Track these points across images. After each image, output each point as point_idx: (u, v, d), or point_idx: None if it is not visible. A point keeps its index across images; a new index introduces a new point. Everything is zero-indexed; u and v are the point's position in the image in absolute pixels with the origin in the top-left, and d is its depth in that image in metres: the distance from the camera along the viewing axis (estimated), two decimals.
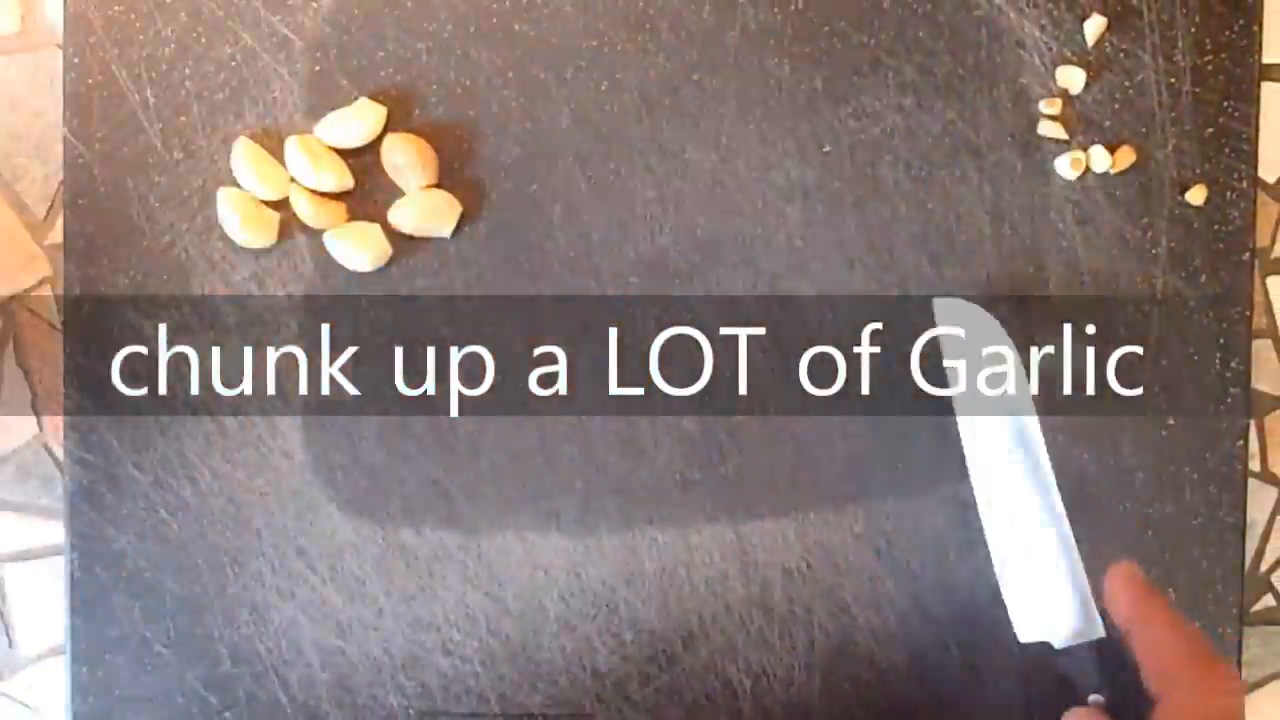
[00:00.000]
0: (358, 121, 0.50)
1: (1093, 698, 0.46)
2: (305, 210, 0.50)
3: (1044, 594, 0.47)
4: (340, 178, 0.50)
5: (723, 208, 0.50)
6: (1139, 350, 0.50)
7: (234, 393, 0.51)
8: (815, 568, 0.51)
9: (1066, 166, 0.50)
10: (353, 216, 0.50)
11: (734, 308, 0.50)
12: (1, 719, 0.56)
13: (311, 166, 0.49)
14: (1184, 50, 0.50)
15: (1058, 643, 0.47)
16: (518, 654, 0.51)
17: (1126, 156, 0.50)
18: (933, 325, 0.49)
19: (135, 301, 0.51)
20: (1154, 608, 0.44)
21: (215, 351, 0.51)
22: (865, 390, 0.50)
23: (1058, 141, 0.50)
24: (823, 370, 0.50)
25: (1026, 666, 0.50)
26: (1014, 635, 0.48)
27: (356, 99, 0.50)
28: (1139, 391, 0.50)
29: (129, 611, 0.51)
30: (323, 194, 0.50)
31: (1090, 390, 0.50)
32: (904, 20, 0.50)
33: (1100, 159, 0.50)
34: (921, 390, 0.50)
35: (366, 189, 0.50)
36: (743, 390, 0.50)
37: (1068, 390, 0.50)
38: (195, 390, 0.51)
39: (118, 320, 0.51)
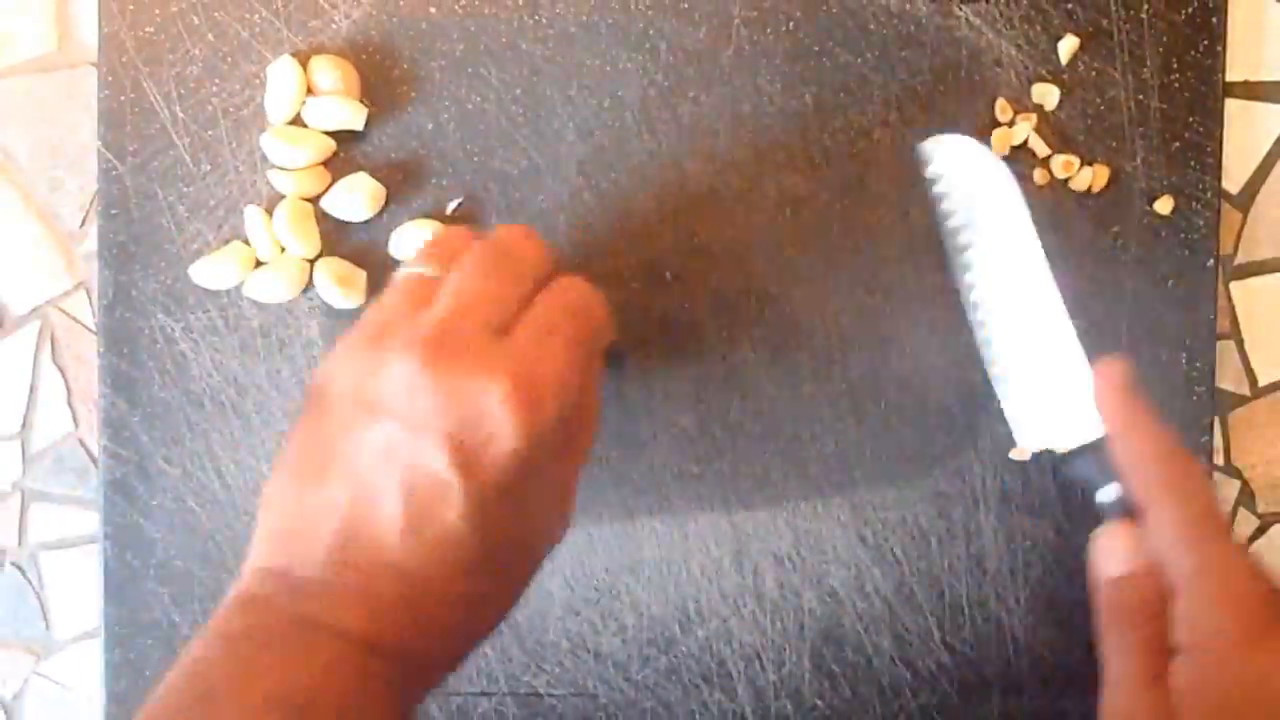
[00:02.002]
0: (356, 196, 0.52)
1: (1103, 491, 0.45)
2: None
3: (1044, 400, 0.47)
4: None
5: (718, 216, 0.51)
6: (1109, 351, 0.52)
7: (258, 391, 0.52)
8: (805, 556, 0.52)
9: (1041, 177, 0.51)
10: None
11: (728, 310, 0.52)
12: (39, 698, 0.58)
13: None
14: (1152, 69, 0.51)
15: (1061, 447, 0.47)
16: (525, 637, 0.52)
17: (1101, 175, 0.51)
18: (911, 322, 0.51)
19: (165, 305, 0.52)
20: (1134, 418, 0.43)
21: (240, 352, 0.52)
22: (851, 389, 0.52)
23: (1033, 154, 0.52)
24: (812, 370, 0.52)
25: (1007, 648, 0.52)
26: (990, 615, 0.49)
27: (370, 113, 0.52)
28: None
29: (159, 597, 0.53)
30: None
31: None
32: (888, 41, 0.52)
33: (1077, 178, 0.51)
34: (904, 389, 0.52)
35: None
36: (736, 388, 0.52)
37: None
38: (221, 388, 0.52)
39: (148, 323, 0.52)
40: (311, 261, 0.52)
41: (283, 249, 0.51)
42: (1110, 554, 0.44)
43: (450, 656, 0.40)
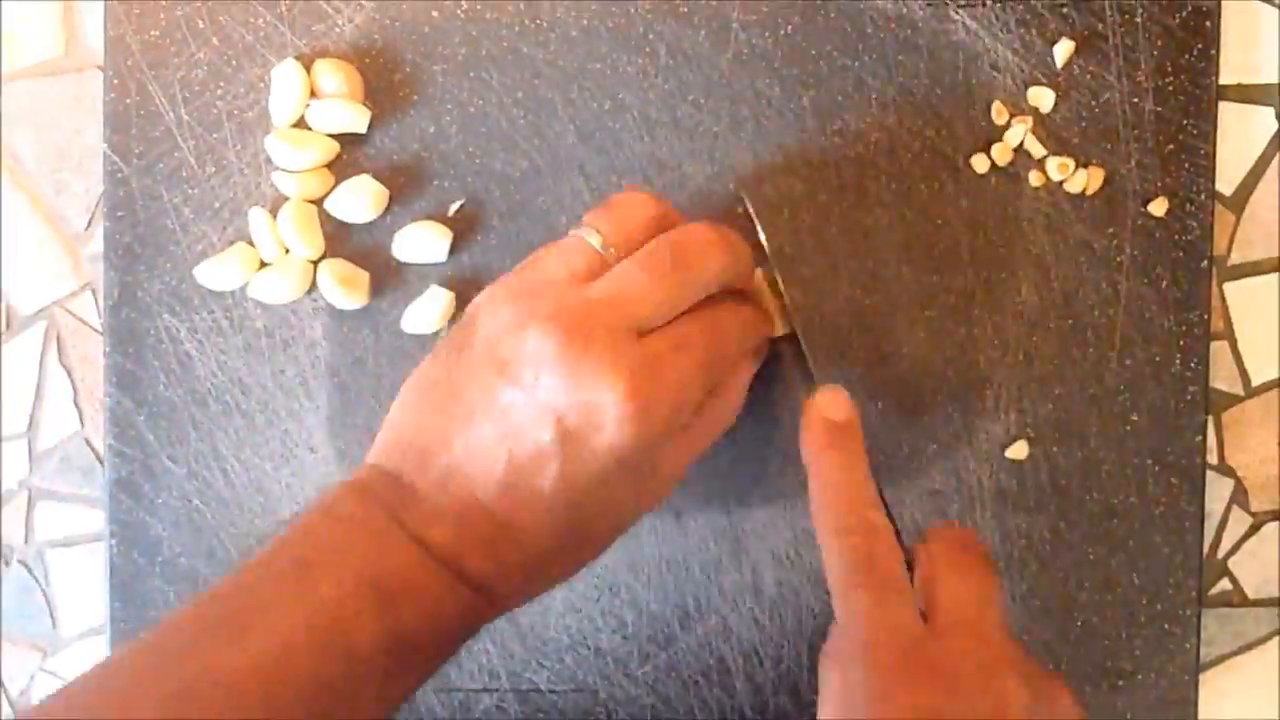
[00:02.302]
0: (360, 197, 0.52)
1: None
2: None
3: None
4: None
5: (716, 218, 0.52)
6: (1105, 351, 0.52)
7: (262, 390, 0.53)
8: (803, 553, 0.52)
9: (1036, 179, 0.52)
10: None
11: None
12: (46, 694, 0.58)
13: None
14: (1147, 72, 0.52)
15: None
16: (526, 634, 0.53)
17: (1096, 177, 0.51)
18: (908, 323, 0.51)
19: (170, 306, 0.53)
20: (824, 453, 0.43)
21: (245, 352, 0.53)
22: (848, 387, 0.52)
23: (1029, 157, 0.52)
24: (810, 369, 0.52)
25: None
26: None
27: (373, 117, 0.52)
28: (1105, 389, 0.52)
29: (165, 594, 0.53)
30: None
31: (1058, 391, 0.52)
32: (886, 44, 0.52)
33: (1072, 180, 0.51)
34: (900, 388, 0.52)
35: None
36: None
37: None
38: (226, 388, 0.53)
39: (154, 323, 0.53)
40: (315, 263, 0.52)
41: (287, 250, 0.52)
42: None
43: (519, 596, 0.43)
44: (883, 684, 0.37)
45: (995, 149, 0.51)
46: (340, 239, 0.52)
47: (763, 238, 0.50)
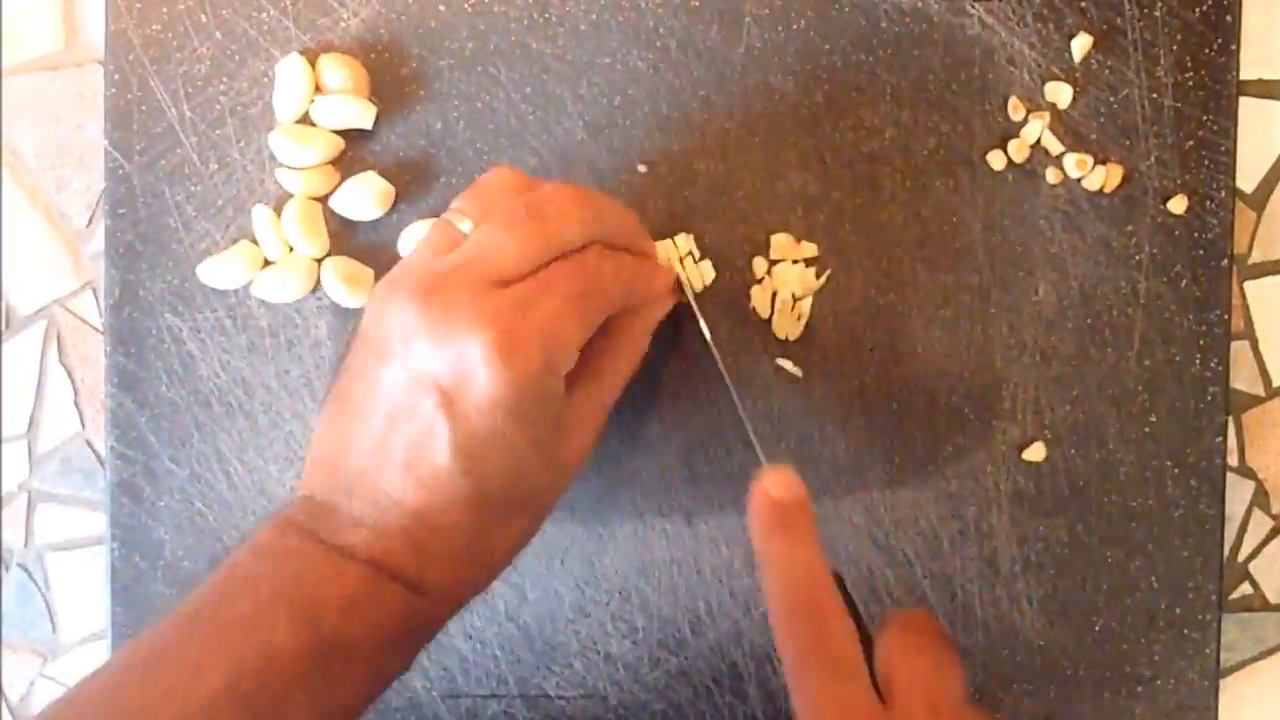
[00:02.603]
0: (365, 194, 0.51)
1: None
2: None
3: None
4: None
5: (729, 216, 0.51)
6: (1123, 351, 0.51)
7: (266, 391, 0.52)
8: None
9: (1054, 176, 0.51)
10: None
11: (738, 310, 0.51)
12: (46, 700, 0.57)
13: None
14: (1166, 67, 0.51)
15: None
16: (534, 639, 0.51)
17: (1115, 174, 0.50)
18: (924, 322, 0.50)
19: (172, 305, 0.51)
20: (775, 536, 0.40)
21: (248, 352, 0.51)
22: (862, 389, 0.51)
23: (1047, 153, 0.51)
24: (824, 370, 0.51)
25: (1019, 648, 0.51)
26: (1002, 616, 0.49)
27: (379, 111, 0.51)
28: (1123, 390, 0.51)
29: (166, 598, 0.52)
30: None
31: (1075, 392, 0.51)
32: (900, 39, 0.51)
33: (1090, 176, 0.50)
34: (916, 389, 0.51)
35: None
36: (747, 389, 0.51)
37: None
38: (229, 388, 0.51)
39: (156, 322, 0.51)
40: (319, 261, 0.51)
41: (291, 248, 0.51)
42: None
43: (456, 587, 0.42)
44: None
45: (1012, 145, 0.50)
46: (345, 236, 0.51)
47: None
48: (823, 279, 0.50)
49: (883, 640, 0.39)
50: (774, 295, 0.50)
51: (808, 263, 0.50)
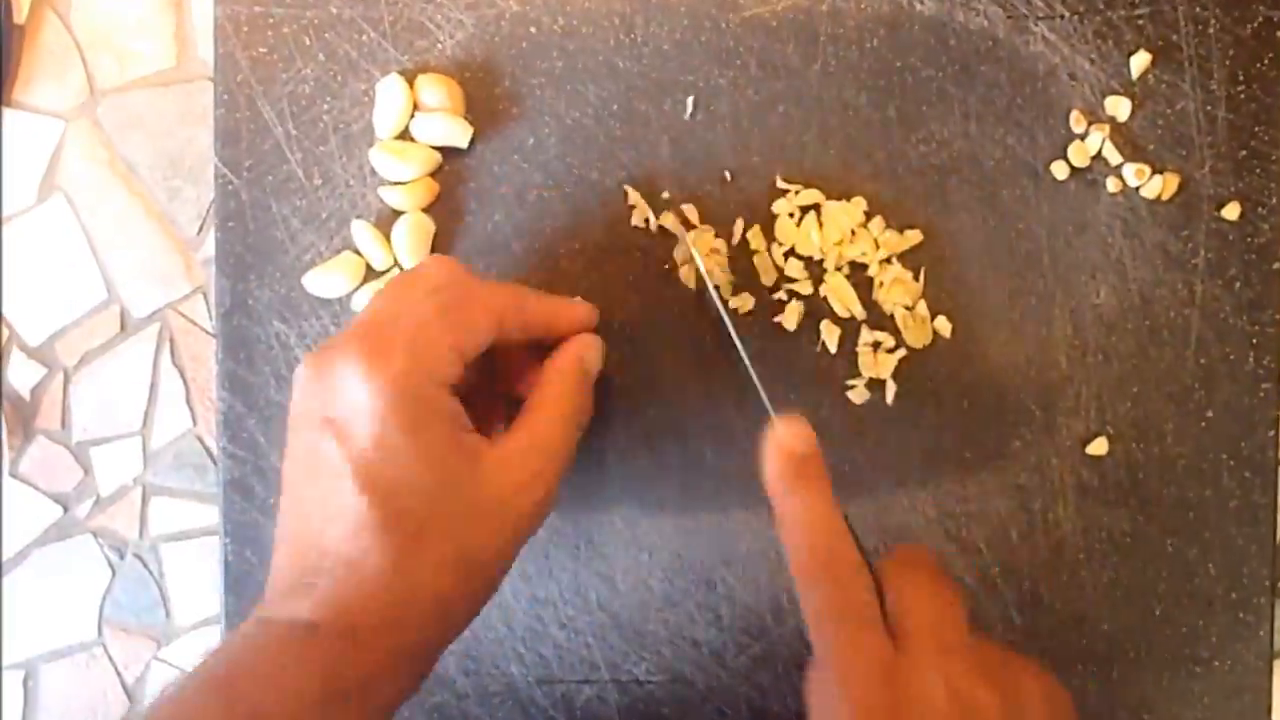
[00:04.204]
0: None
1: None
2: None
3: None
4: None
5: (805, 223, 0.45)
6: (1180, 351, 0.45)
7: None
8: (890, 545, 0.45)
9: (1114, 185, 0.45)
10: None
11: (819, 313, 0.45)
12: (160, 682, 0.51)
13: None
14: (1219, 81, 0.44)
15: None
16: (625, 627, 0.45)
17: (1171, 183, 0.44)
18: (992, 324, 0.44)
19: (280, 313, 0.46)
20: (791, 487, 0.35)
21: None
22: (935, 386, 0.45)
23: (1107, 164, 0.45)
24: (899, 369, 0.45)
25: (1085, 636, 0.45)
26: (1069, 604, 0.43)
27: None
28: (1181, 387, 0.45)
29: None
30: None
31: (1136, 389, 0.45)
32: (968, 56, 0.45)
33: (1148, 185, 0.44)
34: (985, 386, 0.45)
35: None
36: (826, 386, 0.45)
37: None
38: None
39: (264, 330, 0.46)
40: None
41: (396, 261, 0.45)
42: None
43: (380, 628, 0.34)
44: (865, 715, 0.32)
45: (1073, 148, 0.44)
46: (444, 248, 0.45)
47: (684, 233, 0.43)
48: (921, 280, 0.44)
49: (887, 580, 0.35)
50: (890, 314, 0.44)
51: (903, 263, 0.44)
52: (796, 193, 0.44)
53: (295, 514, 0.35)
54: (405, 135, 0.45)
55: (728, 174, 0.44)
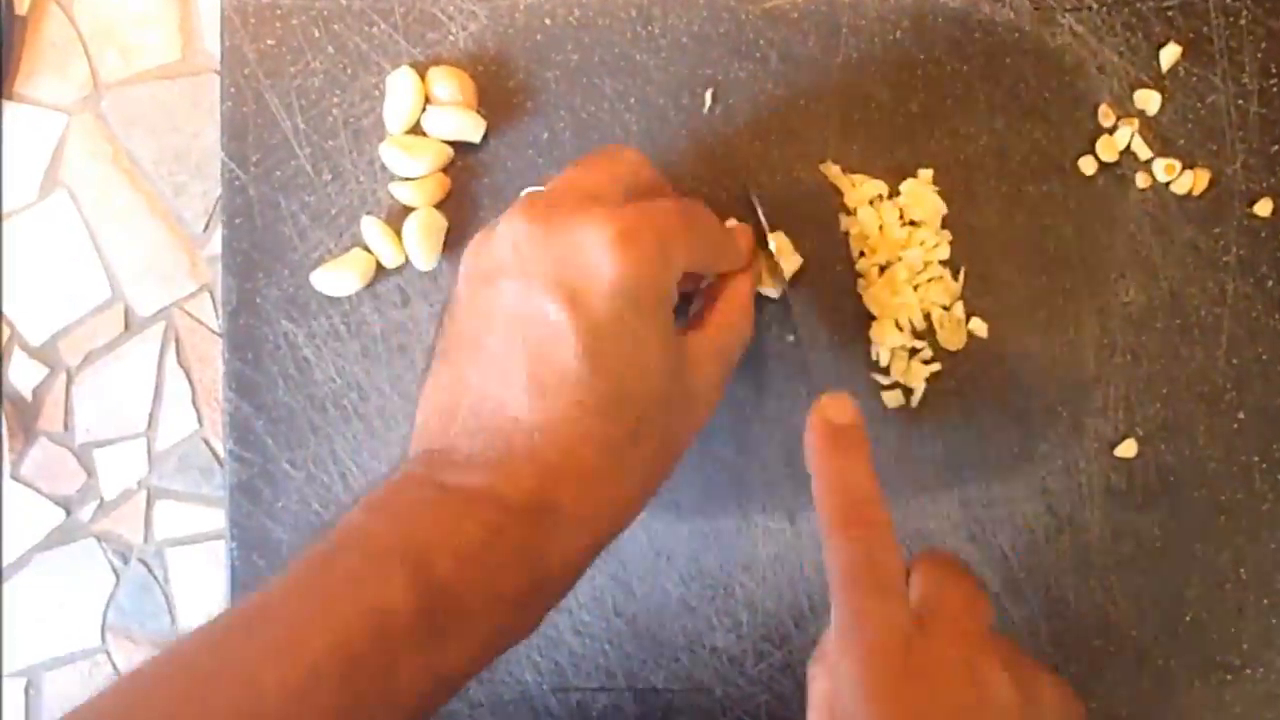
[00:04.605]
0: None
1: None
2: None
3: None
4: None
5: (829, 220, 0.44)
6: (1211, 350, 0.44)
7: (379, 395, 0.44)
8: (914, 551, 0.44)
9: (1143, 181, 0.43)
10: None
11: (838, 313, 0.44)
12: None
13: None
14: (1251, 74, 0.43)
15: None
16: (642, 634, 0.44)
17: (1202, 178, 0.43)
18: (1018, 323, 0.43)
19: (288, 311, 0.44)
20: (828, 459, 0.35)
21: (362, 357, 0.44)
22: (960, 389, 0.44)
23: (1136, 159, 0.44)
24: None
25: (1111, 642, 0.44)
26: (1096, 608, 0.42)
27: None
28: (1212, 388, 0.44)
29: None
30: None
31: (1165, 390, 0.44)
32: (993, 48, 0.43)
33: (1178, 181, 0.43)
34: (1011, 388, 0.44)
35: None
36: (848, 389, 0.44)
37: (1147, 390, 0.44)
38: (344, 392, 0.44)
39: (272, 329, 0.44)
40: None
41: (407, 259, 0.43)
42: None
43: (585, 516, 0.33)
44: (880, 681, 0.31)
45: (1101, 143, 0.43)
46: (454, 246, 0.44)
47: (760, 212, 0.42)
48: (961, 279, 0.43)
49: (916, 572, 0.35)
50: (927, 315, 0.43)
51: (942, 263, 0.43)
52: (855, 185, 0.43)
53: (481, 375, 0.33)
54: (416, 129, 0.43)
55: (747, 168, 0.43)
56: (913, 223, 0.43)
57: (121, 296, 0.47)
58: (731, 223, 0.42)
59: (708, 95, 0.43)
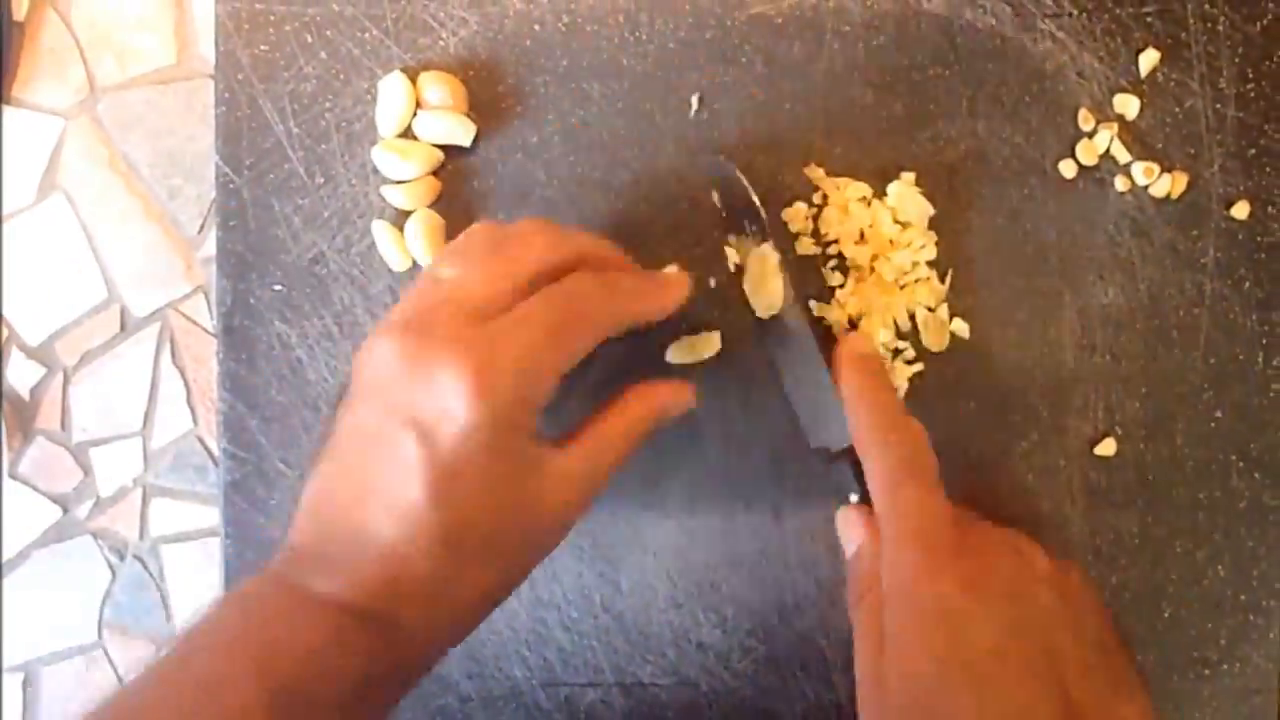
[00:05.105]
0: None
1: (851, 498, 0.41)
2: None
3: (818, 410, 0.42)
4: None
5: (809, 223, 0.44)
6: (1189, 351, 0.44)
7: None
8: None
9: (1122, 184, 0.44)
10: None
11: (825, 313, 0.44)
12: None
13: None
14: (1229, 79, 0.44)
15: (834, 447, 0.41)
16: (630, 629, 0.45)
17: (1180, 181, 0.44)
18: (999, 324, 0.44)
19: (281, 312, 0.45)
20: (859, 379, 0.40)
21: (354, 357, 0.45)
22: (943, 386, 0.44)
23: (1115, 162, 0.44)
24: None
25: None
26: None
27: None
28: (1190, 388, 0.44)
29: None
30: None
31: (1144, 389, 0.44)
32: (975, 54, 0.44)
33: (1157, 184, 0.44)
34: (992, 387, 0.44)
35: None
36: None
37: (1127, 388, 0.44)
38: (336, 393, 0.45)
39: (266, 329, 0.45)
40: None
41: (414, 261, 0.44)
42: (844, 531, 0.42)
43: (425, 632, 0.34)
44: (937, 559, 0.37)
45: (1081, 146, 0.43)
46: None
47: (763, 214, 0.42)
48: (947, 282, 0.44)
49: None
50: (911, 315, 0.44)
51: (929, 264, 0.44)
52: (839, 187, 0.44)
53: (344, 487, 0.34)
54: (408, 133, 0.44)
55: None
56: (900, 224, 0.43)
57: (118, 298, 0.48)
58: (671, 269, 0.42)
59: (694, 100, 0.44)
